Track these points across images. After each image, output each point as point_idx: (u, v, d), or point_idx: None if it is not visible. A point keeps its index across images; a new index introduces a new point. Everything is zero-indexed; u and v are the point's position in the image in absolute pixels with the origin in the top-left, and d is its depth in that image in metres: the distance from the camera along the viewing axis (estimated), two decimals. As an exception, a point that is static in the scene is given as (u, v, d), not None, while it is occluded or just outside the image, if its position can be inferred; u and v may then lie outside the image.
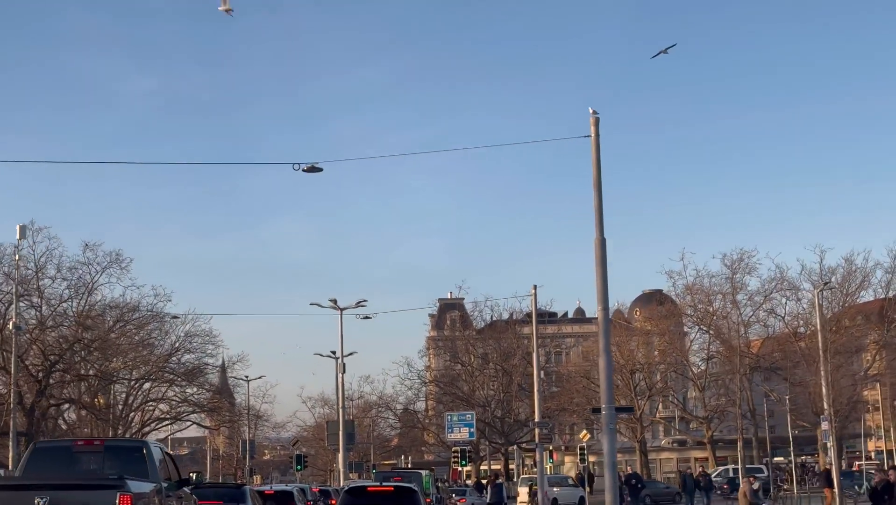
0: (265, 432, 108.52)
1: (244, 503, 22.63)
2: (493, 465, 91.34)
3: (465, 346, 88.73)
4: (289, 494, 28.56)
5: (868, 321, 71.43)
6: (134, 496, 14.72)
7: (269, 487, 30.65)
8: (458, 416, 57.04)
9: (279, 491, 29.08)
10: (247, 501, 22.81)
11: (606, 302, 23.17)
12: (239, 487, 24.35)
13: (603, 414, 22.84)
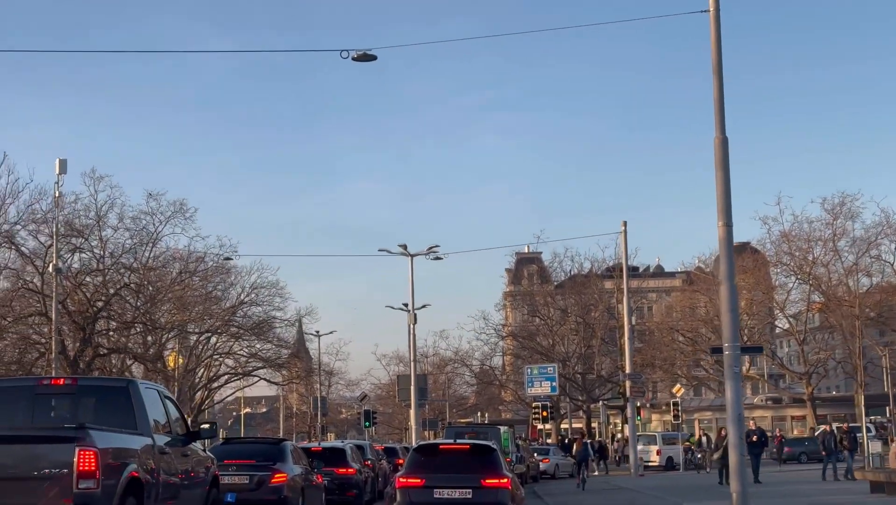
0: (339, 390, 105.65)
1: (282, 462, 18.71)
2: (574, 423, 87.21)
3: (543, 300, 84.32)
4: (340, 451, 24.47)
5: None
6: (101, 452, 10.60)
7: (317, 444, 26.53)
8: (539, 368, 52.64)
9: (329, 448, 24.96)
10: (286, 459, 18.89)
11: (729, 215, 18.63)
12: (278, 443, 20.34)
13: (725, 354, 18.35)
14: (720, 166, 18.60)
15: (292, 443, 21.19)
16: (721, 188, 18.57)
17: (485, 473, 17.58)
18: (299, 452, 20.28)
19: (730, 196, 18.58)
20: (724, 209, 18.55)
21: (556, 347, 79.67)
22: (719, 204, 18.59)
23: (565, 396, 77.35)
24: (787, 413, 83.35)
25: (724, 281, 18.56)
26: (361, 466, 25.40)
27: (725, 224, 18.52)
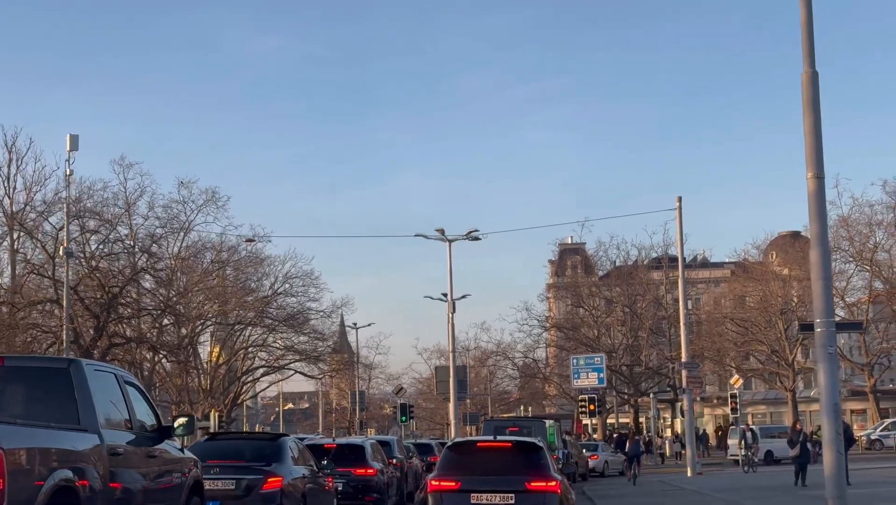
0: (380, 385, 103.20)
1: (279, 462, 15.40)
2: (621, 418, 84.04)
3: (588, 290, 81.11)
4: (358, 448, 21.18)
5: None
6: (8, 454, 7.76)
7: (330, 440, 23.22)
8: (586, 359, 49.48)
9: (345, 445, 21.66)
10: (283, 458, 15.59)
11: (821, 165, 15.57)
12: (275, 439, 16.80)
13: (818, 332, 15.28)
14: (809, 106, 15.55)
15: (295, 438, 17.62)
16: (810, 132, 15.54)
17: (530, 474, 14.93)
18: (304, 451, 17.12)
19: (821, 142, 15.55)
20: (815, 158, 15.51)
21: (601, 338, 76.52)
22: (808, 151, 15.56)
23: (612, 389, 74.25)
24: (846, 406, 79.45)
25: (814, 245, 15.50)
26: (385, 465, 22.13)
27: (816, 175, 15.48)
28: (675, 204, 36.34)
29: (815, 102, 15.50)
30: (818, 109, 15.53)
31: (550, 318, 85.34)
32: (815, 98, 15.49)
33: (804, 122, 15.56)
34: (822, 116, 15.78)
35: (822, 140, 15.52)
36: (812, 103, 15.49)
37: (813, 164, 15.47)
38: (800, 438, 26.76)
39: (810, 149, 15.48)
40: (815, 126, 15.46)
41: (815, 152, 15.47)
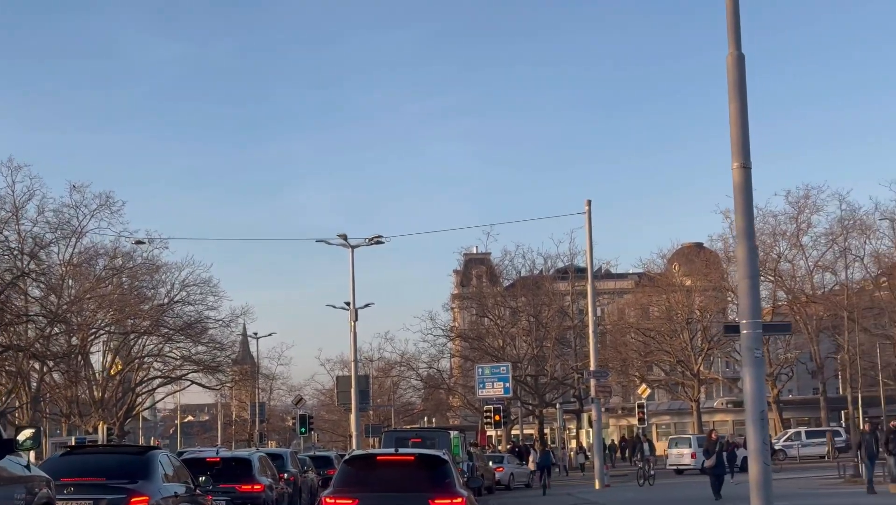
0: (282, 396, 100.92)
1: (147, 479, 13.41)
2: (526, 429, 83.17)
3: (493, 300, 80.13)
4: (244, 462, 19.36)
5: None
6: None
7: (214, 454, 21.21)
8: (491, 368, 48.27)
9: (230, 458, 19.83)
10: (151, 475, 13.60)
11: (747, 154, 14.52)
12: (143, 453, 14.78)
13: (744, 334, 14.18)
14: (735, 91, 14.47)
15: (168, 452, 15.60)
16: (736, 119, 14.46)
17: (434, 490, 13.57)
18: (179, 466, 15.33)
19: (747, 129, 14.49)
20: (741, 146, 14.45)
21: (506, 348, 75.56)
22: (734, 140, 14.48)
23: (517, 400, 73.30)
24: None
25: (741, 240, 14.42)
26: (275, 480, 20.41)
27: (742, 165, 14.40)
28: (585, 208, 35.36)
29: (742, 87, 14.44)
30: (744, 94, 14.47)
31: (455, 328, 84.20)
32: (741, 82, 14.43)
33: (730, 108, 14.49)
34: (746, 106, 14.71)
35: (748, 127, 14.48)
36: (738, 87, 14.42)
37: (739, 153, 14.40)
38: (716, 447, 25.64)
39: (737, 137, 14.41)
40: (741, 112, 14.40)
41: (741, 140, 14.41)
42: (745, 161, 14.36)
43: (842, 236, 64.42)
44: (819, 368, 68.03)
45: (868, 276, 64.63)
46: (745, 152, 14.39)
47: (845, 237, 63.72)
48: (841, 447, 60.44)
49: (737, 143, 14.41)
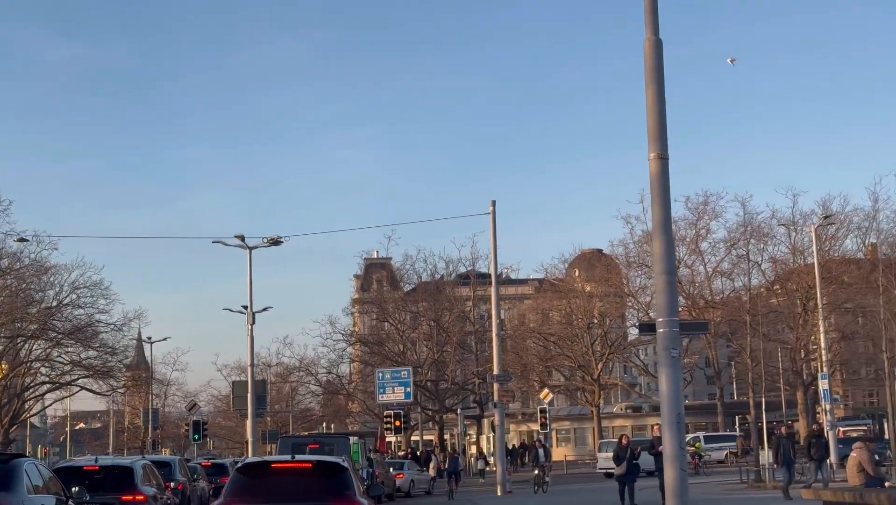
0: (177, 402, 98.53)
1: (9, 491, 11.79)
2: (426, 435, 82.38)
3: (394, 304, 79.19)
4: (125, 471, 17.94)
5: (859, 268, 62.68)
6: None
7: (92, 461, 19.54)
8: (392, 373, 47.29)
9: (110, 466, 18.36)
10: (14, 486, 11.96)
11: (664, 144, 13.85)
12: (5, 462, 12.73)
13: (660, 333, 13.50)
14: (652, 78, 13.80)
15: (35, 460, 13.97)
16: (653, 107, 13.79)
17: (333, 499, 12.65)
18: (48, 476, 13.79)
19: (664, 118, 13.83)
20: (658, 135, 13.77)
21: (407, 353, 74.69)
22: (651, 129, 13.80)
23: (417, 405, 72.46)
24: (647, 421, 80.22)
25: (657, 234, 13.75)
26: (160, 489, 19.09)
27: (659, 156, 13.73)
28: (489, 208, 34.64)
29: (659, 73, 13.77)
30: (662, 82, 13.81)
31: (355, 332, 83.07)
32: (658, 68, 13.76)
33: (647, 95, 13.82)
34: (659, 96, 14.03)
35: (665, 116, 13.82)
36: (655, 74, 13.75)
37: (656, 142, 13.73)
38: (626, 453, 24.97)
39: (654, 126, 13.73)
40: (658, 99, 13.73)
41: (658, 129, 13.74)
42: (662, 151, 13.70)
43: (741, 242, 64.95)
44: (717, 374, 68.49)
45: (765, 281, 65.27)
46: (662, 142, 13.73)
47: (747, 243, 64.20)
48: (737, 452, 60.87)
49: (654, 132, 13.75)
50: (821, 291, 48.75)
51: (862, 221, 62.69)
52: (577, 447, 79.88)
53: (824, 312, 50.14)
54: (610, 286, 73.22)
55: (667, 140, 13.77)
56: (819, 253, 51.46)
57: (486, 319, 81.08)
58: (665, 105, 13.80)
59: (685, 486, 13.33)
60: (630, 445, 25.66)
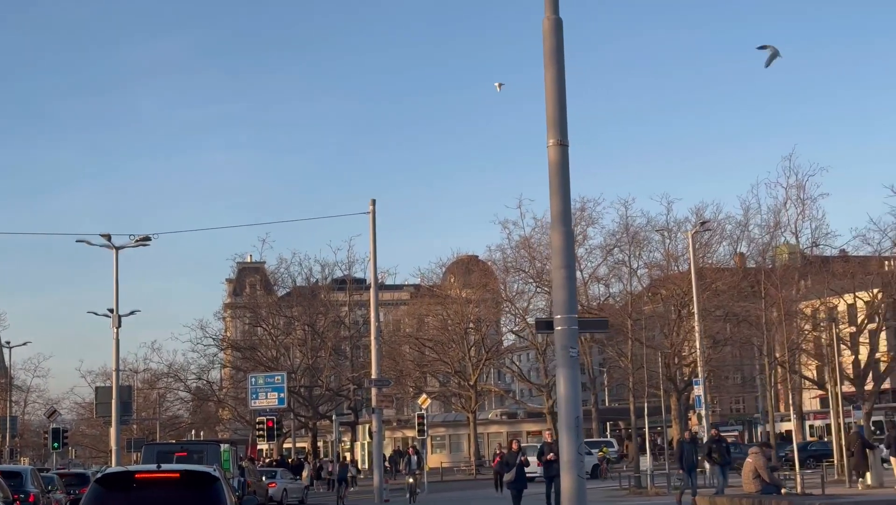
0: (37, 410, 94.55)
1: None
2: (299, 442, 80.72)
3: (268, 309, 77.34)
4: None
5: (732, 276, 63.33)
6: None
7: None
8: (266, 378, 45.69)
9: None
10: None
11: (564, 130, 13.01)
12: None
13: (558, 330, 12.64)
14: (552, 59, 12.95)
15: None
16: (553, 90, 12.95)
17: None
18: None
19: (564, 101, 13.01)
20: (557, 121, 12.94)
21: (280, 358, 72.99)
22: (550, 113, 12.95)
23: (290, 411, 70.80)
24: (522, 428, 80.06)
25: (556, 226, 12.87)
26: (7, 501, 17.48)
27: (559, 143, 12.88)
28: (369, 207, 33.54)
29: (559, 55, 12.93)
30: (562, 63, 12.96)
31: (227, 337, 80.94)
32: (558, 49, 12.91)
33: (546, 78, 12.96)
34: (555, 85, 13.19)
35: (565, 100, 12.98)
36: (555, 55, 12.90)
37: (556, 128, 12.88)
38: (517, 458, 24.05)
39: (553, 110, 12.88)
40: (557, 82, 12.88)
41: (557, 114, 12.89)
42: (562, 137, 12.86)
43: (617, 248, 65.07)
44: (591, 381, 68.52)
45: (641, 287, 65.49)
46: (561, 128, 12.89)
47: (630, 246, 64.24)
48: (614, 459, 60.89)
49: (553, 116, 12.90)
50: (696, 297, 48.98)
51: (734, 230, 63.57)
52: (453, 454, 79.21)
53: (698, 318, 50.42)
54: (487, 292, 72.82)
55: (567, 126, 12.95)
56: (694, 259, 51.74)
57: (362, 325, 79.96)
58: (565, 88, 12.98)
59: (583, 494, 12.49)
60: (520, 452, 24.77)
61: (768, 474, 15.56)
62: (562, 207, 12.77)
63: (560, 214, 12.76)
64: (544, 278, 66.96)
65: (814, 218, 57.73)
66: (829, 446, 52.05)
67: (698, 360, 49.31)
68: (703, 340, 50.75)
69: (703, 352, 49.50)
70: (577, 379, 12.66)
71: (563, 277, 12.65)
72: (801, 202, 57.30)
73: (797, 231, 59.31)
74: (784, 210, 57.66)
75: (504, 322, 75.19)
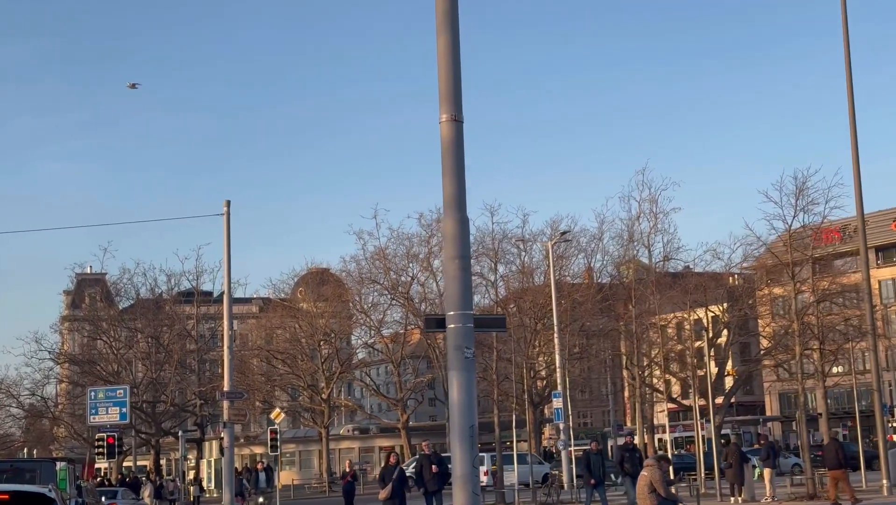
0: None
1: None
2: (140, 460, 77.27)
3: (109, 322, 73.82)
4: None
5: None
6: None
7: None
8: (106, 392, 42.96)
9: None
10: None
11: (459, 105, 11.62)
12: None
13: (451, 329, 11.20)
14: (444, 25, 11.57)
15: None
16: (445, 60, 11.56)
17: None
18: None
19: (458, 73, 11.63)
20: (451, 93, 11.53)
21: (122, 372, 69.64)
22: (443, 86, 11.56)
23: (131, 428, 67.54)
24: (375, 443, 78.40)
25: (449, 211, 11.43)
26: None
27: (453, 118, 11.48)
28: (223, 209, 31.57)
29: (453, 19, 11.49)
30: (457, 29, 11.55)
31: (64, 351, 77.04)
32: (452, 12, 11.46)
33: (438, 45, 11.54)
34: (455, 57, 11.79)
35: (460, 71, 11.58)
36: (448, 19, 11.45)
37: (449, 102, 11.45)
38: (394, 473, 22.45)
39: (446, 81, 11.47)
40: (451, 51, 11.47)
41: (451, 86, 11.47)
42: (456, 112, 11.44)
43: (473, 259, 64.21)
44: (446, 394, 67.45)
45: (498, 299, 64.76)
46: (456, 101, 11.48)
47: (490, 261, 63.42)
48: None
49: (446, 89, 11.49)
50: (556, 309, 48.40)
51: (588, 243, 63.49)
52: (303, 470, 76.96)
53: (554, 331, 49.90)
54: (339, 304, 71.18)
55: (461, 99, 11.55)
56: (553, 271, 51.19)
57: (209, 338, 77.13)
58: (459, 58, 11.60)
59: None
60: (397, 466, 23.10)
61: (664, 489, 14.46)
62: (455, 191, 11.34)
63: (453, 198, 11.33)
64: (399, 290, 65.68)
65: (665, 231, 57.94)
66: (690, 459, 52.16)
67: (558, 372, 48.61)
68: (563, 352, 50.18)
69: (563, 364, 48.87)
70: (473, 384, 11.22)
71: (456, 267, 11.20)
72: (653, 216, 57.46)
73: (649, 245, 59.49)
74: (637, 223, 57.72)
75: (359, 335, 73.64)
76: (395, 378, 69.17)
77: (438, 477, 23.97)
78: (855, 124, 31.70)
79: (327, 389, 66.78)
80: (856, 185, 31.61)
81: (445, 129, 11.45)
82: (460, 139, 11.46)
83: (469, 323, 11.13)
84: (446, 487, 28.52)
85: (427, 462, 24.10)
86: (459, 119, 11.48)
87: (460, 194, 11.37)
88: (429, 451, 24.88)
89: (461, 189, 11.37)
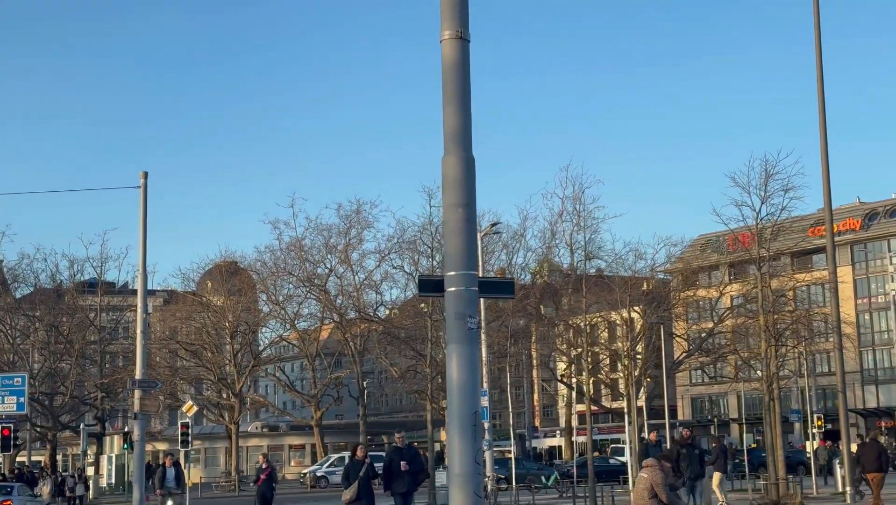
0: None
1: None
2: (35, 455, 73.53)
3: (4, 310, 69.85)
4: None
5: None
6: None
7: None
8: (3, 379, 39.74)
9: None
10: None
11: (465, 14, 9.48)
12: None
13: (450, 293, 9.07)
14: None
15: None
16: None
17: None
18: None
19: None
20: (455, 7, 9.45)
21: (17, 363, 65.93)
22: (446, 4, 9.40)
23: (27, 421, 63.92)
24: (286, 441, 75.67)
25: (451, 146, 9.29)
26: None
27: (458, 35, 9.38)
28: (140, 181, 28.90)
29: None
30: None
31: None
32: None
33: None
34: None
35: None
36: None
37: (453, 17, 9.37)
38: (360, 468, 19.76)
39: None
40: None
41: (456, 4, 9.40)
42: (462, 30, 9.35)
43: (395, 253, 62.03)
44: (361, 392, 65.08)
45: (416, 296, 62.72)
46: (461, 16, 9.39)
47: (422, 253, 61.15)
48: None
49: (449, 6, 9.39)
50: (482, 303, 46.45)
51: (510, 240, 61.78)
52: (209, 468, 73.79)
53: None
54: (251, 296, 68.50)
55: (468, 13, 9.45)
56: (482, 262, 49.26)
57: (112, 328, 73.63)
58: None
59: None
60: (365, 462, 19.87)
61: (666, 494, 12.53)
62: (460, 122, 9.21)
63: (457, 132, 9.20)
64: (315, 283, 63.17)
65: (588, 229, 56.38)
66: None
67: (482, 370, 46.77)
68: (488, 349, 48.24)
69: (489, 361, 46.93)
70: (477, 361, 9.10)
71: (460, 218, 9.06)
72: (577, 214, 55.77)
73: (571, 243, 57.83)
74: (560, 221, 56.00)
75: (273, 327, 70.90)
76: (309, 373, 66.59)
77: (410, 477, 20.69)
78: (825, 124, 30.68)
79: (239, 383, 63.88)
80: (824, 180, 30.70)
81: (448, 49, 9.35)
82: (466, 60, 9.37)
83: (473, 286, 9.02)
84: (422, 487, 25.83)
85: (398, 458, 20.66)
86: (466, 37, 9.38)
87: (465, 127, 9.26)
88: (402, 444, 21.24)
89: (467, 121, 9.27)
